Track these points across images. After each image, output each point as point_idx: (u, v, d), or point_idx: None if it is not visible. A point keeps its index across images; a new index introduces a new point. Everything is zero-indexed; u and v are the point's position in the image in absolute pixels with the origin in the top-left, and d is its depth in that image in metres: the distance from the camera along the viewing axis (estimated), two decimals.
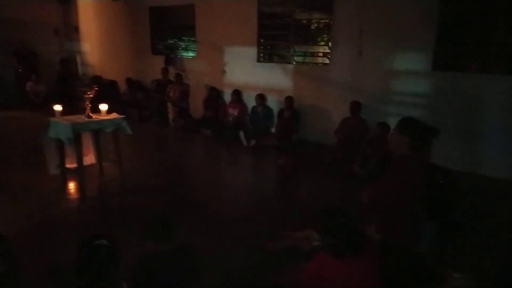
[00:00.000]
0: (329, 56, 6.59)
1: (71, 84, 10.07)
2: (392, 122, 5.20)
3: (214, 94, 7.82)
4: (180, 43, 8.93)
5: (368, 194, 2.53)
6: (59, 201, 4.37)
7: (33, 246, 3.37)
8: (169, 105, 8.14)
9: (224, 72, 7.87)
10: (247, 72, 7.54)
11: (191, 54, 8.67)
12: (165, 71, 8.53)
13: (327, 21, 6.57)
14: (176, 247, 2.30)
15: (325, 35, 6.69)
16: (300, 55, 7.06)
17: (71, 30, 11.11)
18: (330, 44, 6.54)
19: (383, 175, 2.54)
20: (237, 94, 7.41)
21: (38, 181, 4.77)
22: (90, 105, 4.51)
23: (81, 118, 4.44)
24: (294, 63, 7.06)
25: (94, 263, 1.78)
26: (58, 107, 4.56)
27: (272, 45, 7.41)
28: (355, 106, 5.74)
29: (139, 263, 2.23)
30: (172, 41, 9.06)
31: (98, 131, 4.79)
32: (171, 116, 8.13)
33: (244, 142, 6.67)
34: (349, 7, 6.12)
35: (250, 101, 7.29)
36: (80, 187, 4.45)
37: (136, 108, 8.50)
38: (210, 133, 7.32)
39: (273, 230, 3.62)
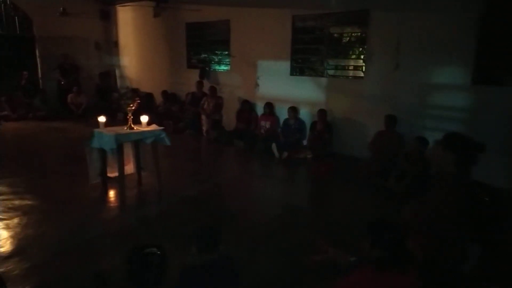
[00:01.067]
0: (363, 69, 6.58)
1: (110, 96, 10.56)
2: (430, 137, 5.16)
3: (246, 107, 7.94)
4: (214, 57, 9.17)
5: (410, 210, 2.49)
6: (100, 209, 4.54)
7: (76, 253, 3.52)
8: (203, 117, 8.33)
9: (257, 85, 7.99)
10: (279, 85, 7.64)
11: (225, 67, 8.87)
12: (199, 84, 8.76)
13: (362, 34, 6.58)
14: (217, 258, 2.35)
15: (359, 49, 6.69)
16: (333, 68, 7.08)
17: (111, 45, 11.67)
18: (364, 57, 6.53)
19: (425, 192, 2.50)
20: (269, 106, 7.49)
21: (80, 190, 4.97)
22: (132, 117, 4.71)
23: (123, 129, 4.63)
24: (327, 76, 7.08)
25: (145, 271, 1.85)
26: (102, 119, 4.77)
27: (305, 58, 7.48)
28: (390, 120, 5.68)
29: (182, 272, 2.29)
30: (206, 55, 9.31)
31: (138, 141, 4.98)
32: (204, 127, 8.31)
33: (276, 154, 6.72)
34: (385, 20, 6.11)
35: (282, 114, 7.35)
36: (121, 196, 4.63)
37: (171, 120, 8.75)
38: (242, 145, 7.43)
39: (309, 244, 3.62)
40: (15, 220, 4.06)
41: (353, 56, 6.87)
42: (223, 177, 6.15)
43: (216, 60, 9.13)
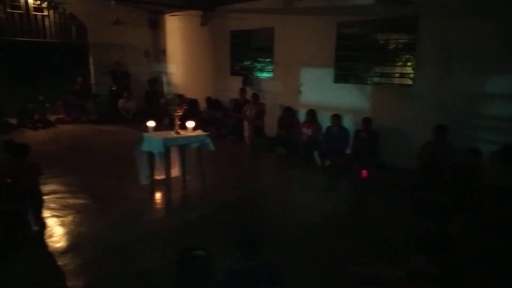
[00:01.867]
0: (411, 77, 6.38)
1: (157, 102, 10.99)
2: (482, 149, 4.90)
3: (288, 114, 7.94)
4: (257, 64, 9.27)
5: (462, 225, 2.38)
6: (148, 210, 4.73)
7: (125, 252, 3.67)
8: (245, 123, 8.43)
9: (299, 92, 7.98)
10: (322, 92, 7.58)
11: (267, 74, 8.95)
12: (242, 91, 8.90)
13: (410, 41, 6.39)
14: (260, 265, 2.37)
15: (407, 55, 6.50)
16: (379, 76, 6.92)
17: (159, 53, 12.15)
18: (413, 64, 6.34)
19: (472, 206, 2.38)
20: (311, 114, 7.44)
21: (130, 191, 5.20)
22: (179, 122, 4.89)
23: (170, 134, 4.81)
24: (373, 83, 6.94)
25: (193, 273, 1.90)
26: (151, 123, 4.98)
27: (349, 66, 7.37)
28: (442, 130, 5.43)
29: (226, 276, 2.32)
30: (249, 63, 9.44)
31: (184, 146, 5.15)
32: (246, 134, 8.41)
33: (318, 162, 6.65)
34: (436, 27, 5.91)
35: (325, 121, 7.28)
36: (167, 198, 4.79)
37: (214, 126, 8.94)
38: (284, 152, 7.43)
39: (350, 255, 3.55)
40: (70, 218, 4.32)
41: (400, 63, 6.68)
42: (264, 183, 6.19)
43: (259, 67, 9.23)
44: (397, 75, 6.74)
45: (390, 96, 6.70)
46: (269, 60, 8.78)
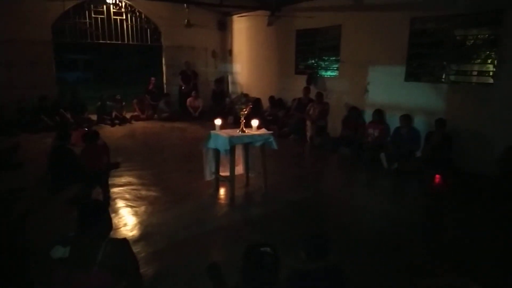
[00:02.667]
0: (492, 75, 5.84)
1: (223, 101, 11.33)
2: None
3: (354, 113, 7.72)
4: (322, 63, 9.13)
5: None
6: (213, 205, 4.90)
7: (192, 244, 3.84)
8: (308, 123, 8.36)
9: (366, 91, 7.71)
10: (392, 92, 7.24)
11: (332, 73, 8.77)
12: (306, 90, 8.82)
13: (492, 36, 5.86)
14: (326, 267, 2.33)
15: (488, 52, 5.96)
16: (456, 74, 6.43)
17: (226, 53, 12.51)
18: (494, 61, 5.80)
19: None
20: (379, 114, 7.15)
21: (197, 185, 5.43)
22: (244, 121, 4.99)
23: (236, 132, 4.93)
24: (448, 82, 6.47)
25: (260, 270, 1.92)
26: (218, 121, 5.14)
27: (422, 63, 6.95)
28: None
29: (290, 276, 2.31)
30: (314, 61, 9.33)
31: (248, 144, 5.24)
32: (309, 133, 8.33)
33: (385, 165, 6.37)
34: None
35: (393, 122, 6.95)
36: (231, 194, 4.93)
37: (276, 125, 8.98)
38: (348, 153, 7.24)
39: (421, 264, 3.36)
40: (142, 209, 4.63)
41: (479, 60, 6.14)
42: (327, 184, 6.09)
43: (324, 65, 9.08)
44: (475, 73, 6.21)
45: (467, 96, 6.20)
46: (334, 58, 8.60)
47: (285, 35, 9.81)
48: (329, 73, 8.90)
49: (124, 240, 2.23)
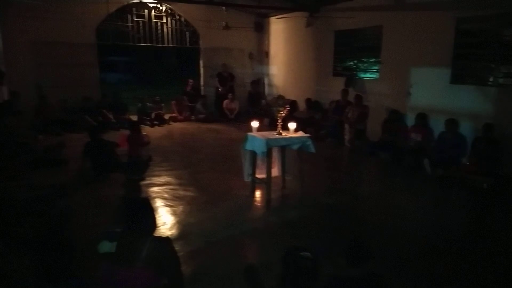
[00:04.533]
0: None
1: (259, 103, 11.35)
2: None
3: (395, 117, 7.46)
4: (361, 64, 8.92)
5: None
6: (248, 206, 4.89)
7: (228, 244, 3.85)
8: (346, 126, 8.18)
9: (409, 94, 7.44)
10: (436, 95, 6.93)
11: (372, 75, 8.54)
12: (345, 92, 8.65)
13: None
14: (366, 274, 2.25)
15: None
16: (505, 76, 6.05)
17: (262, 55, 12.54)
18: None
19: None
20: (421, 117, 6.87)
21: (233, 187, 5.44)
22: (281, 123, 4.94)
23: (273, 135, 4.89)
24: (497, 85, 6.10)
25: (299, 275, 1.88)
26: (255, 124, 5.13)
27: (469, 65, 6.60)
28: None
29: (330, 282, 2.25)
30: (352, 63, 9.13)
31: (284, 147, 5.19)
32: (347, 137, 8.15)
33: (429, 171, 6.10)
34: None
35: (436, 126, 6.65)
36: (267, 196, 4.89)
37: (312, 127, 8.85)
38: (388, 157, 7.01)
39: (466, 277, 3.16)
40: (180, 208, 4.69)
41: None
42: (365, 189, 5.92)
43: (363, 67, 8.86)
44: None
45: None
46: (374, 59, 8.37)
47: (323, 36, 9.67)
48: (368, 75, 8.67)
49: (167, 239, 2.26)
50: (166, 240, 2.23)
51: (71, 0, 9.57)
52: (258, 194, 5.23)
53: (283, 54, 11.60)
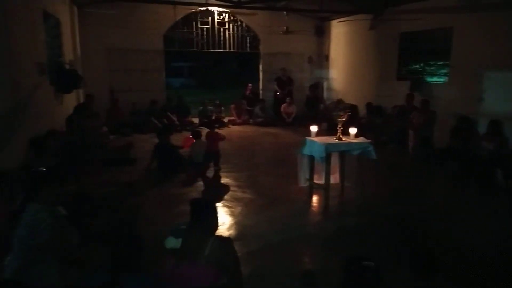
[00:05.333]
0: None
1: (317, 107, 11.23)
2: None
3: (465, 124, 6.96)
4: (428, 68, 8.47)
5: None
6: (305, 212, 4.87)
7: (284, 248, 3.86)
8: (410, 132, 7.80)
9: (481, 99, 6.91)
10: None
11: (439, 79, 8.07)
12: (410, 97, 8.26)
13: None
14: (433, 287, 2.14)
15: None
16: None
17: (322, 59, 12.41)
18: None
19: None
20: (495, 124, 6.33)
21: (290, 191, 5.45)
22: (341, 128, 4.86)
23: (332, 140, 4.83)
24: None
25: (361, 284, 1.85)
26: (314, 128, 5.10)
27: None
28: None
29: None
30: (418, 66, 8.70)
31: (344, 152, 5.09)
32: (411, 143, 7.77)
33: (502, 182, 5.62)
34: None
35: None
36: (324, 202, 4.83)
37: (373, 133, 8.56)
38: (456, 167, 6.55)
39: None
40: (238, 210, 4.80)
41: None
42: (431, 201, 5.58)
43: (430, 71, 8.40)
44: None
45: None
46: (443, 63, 7.90)
47: (387, 38, 9.33)
48: (436, 78, 8.20)
49: (229, 239, 2.34)
50: (227, 240, 2.31)
51: (142, 10, 10.25)
52: (315, 199, 5.19)
53: (343, 58, 11.38)
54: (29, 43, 5.71)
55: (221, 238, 2.31)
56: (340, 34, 11.46)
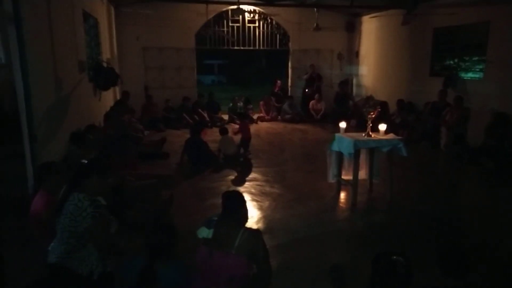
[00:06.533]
0: None
1: (346, 104, 11.13)
2: None
3: (501, 121, 6.72)
4: (462, 63, 8.21)
5: None
6: (334, 207, 4.91)
7: (312, 242, 3.92)
8: (443, 129, 7.62)
9: None
10: None
11: (474, 75, 7.82)
12: (443, 93, 8.05)
13: None
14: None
15: None
16: None
17: (352, 55, 12.27)
18: None
19: None
20: None
21: (318, 187, 5.49)
22: (371, 125, 4.84)
23: (361, 136, 4.82)
24: None
25: (391, 279, 1.87)
26: (343, 124, 5.10)
27: None
28: None
29: None
30: (452, 62, 8.46)
31: (373, 149, 5.07)
32: (443, 141, 7.59)
33: None
34: None
35: None
36: (353, 199, 4.84)
37: (405, 130, 8.42)
38: (491, 165, 6.36)
39: None
40: (266, 204, 4.90)
41: None
42: (465, 199, 5.47)
43: (465, 66, 8.15)
44: None
45: None
46: (479, 58, 7.65)
47: (420, 34, 9.12)
48: (471, 74, 7.96)
49: (258, 231, 2.44)
50: (257, 232, 2.40)
51: (176, 9, 10.53)
52: (343, 195, 5.21)
53: (374, 54, 11.20)
54: (70, 42, 6.04)
55: (251, 230, 2.41)
56: (371, 29, 11.28)
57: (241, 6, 10.36)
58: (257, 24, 11.63)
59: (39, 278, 2.77)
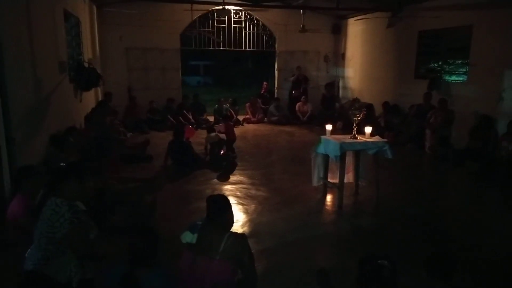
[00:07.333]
0: None
1: (332, 106, 11.17)
2: None
3: (484, 123, 6.81)
4: (446, 66, 8.32)
5: None
6: (320, 210, 4.86)
7: (298, 246, 3.87)
8: (428, 131, 7.69)
9: (501, 98, 6.76)
10: None
11: (458, 78, 7.93)
12: (427, 95, 8.14)
13: None
14: None
15: None
16: None
17: (338, 57, 12.32)
18: None
19: None
20: None
21: (304, 190, 5.44)
22: (356, 127, 4.83)
23: (347, 138, 4.80)
24: None
25: (376, 283, 1.84)
26: (328, 127, 5.08)
27: None
28: None
29: None
30: (437, 65, 8.56)
31: (359, 151, 5.06)
32: (428, 143, 7.67)
33: None
34: None
35: None
36: (339, 201, 4.81)
37: (390, 132, 8.48)
38: (475, 167, 6.43)
39: None
40: (252, 207, 4.83)
41: None
42: (448, 200, 5.51)
43: (449, 69, 8.25)
44: None
45: None
46: (462, 61, 7.75)
47: (405, 36, 9.21)
48: (455, 77, 8.06)
49: (244, 235, 2.37)
50: (242, 236, 2.34)
51: (160, 9, 10.38)
52: (329, 198, 5.17)
53: (360, 56, 11.27)
54: (50, 42, 5.87)
55: (236, 234, 2.34)
56: (357, 32, 11.36)
57: (226, 7, 10.28)
58: (243, 25, 11.57)
59: (15, 286, 2.65)
